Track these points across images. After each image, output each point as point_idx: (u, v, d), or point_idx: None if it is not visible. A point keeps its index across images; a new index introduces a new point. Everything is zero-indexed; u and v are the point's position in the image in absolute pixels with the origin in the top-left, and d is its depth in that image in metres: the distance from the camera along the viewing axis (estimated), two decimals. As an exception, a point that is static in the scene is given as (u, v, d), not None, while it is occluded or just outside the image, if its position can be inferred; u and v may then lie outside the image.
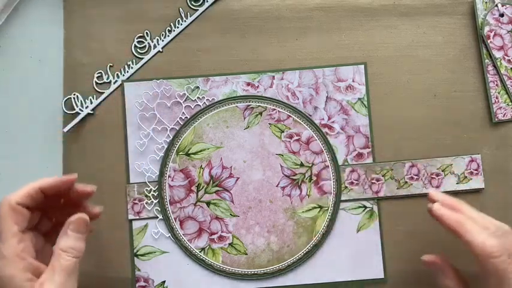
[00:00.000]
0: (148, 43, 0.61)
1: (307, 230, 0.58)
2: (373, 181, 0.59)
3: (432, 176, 0.59)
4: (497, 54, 0.59)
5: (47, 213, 0.48)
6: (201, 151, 0.59)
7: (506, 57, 0.59)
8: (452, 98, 0.60)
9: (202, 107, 0.60)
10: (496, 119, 0.59)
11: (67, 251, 0.43)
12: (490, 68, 0.60)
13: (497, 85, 0.59)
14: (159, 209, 0.59)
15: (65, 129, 0.59)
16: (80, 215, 0.45)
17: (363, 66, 0.60)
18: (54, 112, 0.60)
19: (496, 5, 0.59)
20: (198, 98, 0.60)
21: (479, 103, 0.60)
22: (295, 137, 0.59)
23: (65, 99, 0.59)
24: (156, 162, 0.59)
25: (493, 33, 0.60)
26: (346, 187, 0.59)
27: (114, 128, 0.60)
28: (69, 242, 0.44)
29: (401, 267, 0.58)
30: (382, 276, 0.58)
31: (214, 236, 0.58)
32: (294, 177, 0.59)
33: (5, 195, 0.60)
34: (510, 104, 0.59)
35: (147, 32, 0.61)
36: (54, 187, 0.46)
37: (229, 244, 0.58)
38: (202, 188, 0.59)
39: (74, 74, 0.60)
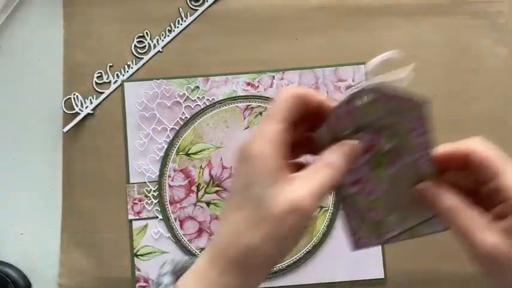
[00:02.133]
0: (148, 43, 0.61)
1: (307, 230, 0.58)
2: (373, 181, 0.59)
3: (432, 176, 0.59)
4: None
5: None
6: (201, 151, 0.59)
7: None
8: (452, 98, 0.60)
9: (202, 107, 0.60)
10: None
11: (333, 168, 0.36)
12: None
13: None
14: (159, 209, 0.59)
15: (65, 129, 0.59)
16: (357, 145, 0.37)
17: (363, 66, 0.60)
18: (54, 112, 0.60)
19: None
20: (198, 98, 0.60)
21: (480, 103, 0.60)
22: (295, 137, 0.59)
23: (65, 99, 0.59)
24: (156, 162, 0.59)
25: None
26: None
27: (114, 128, 0.60)
28: (338, 160, 0.36)
29: (401, 267, 0.58)
30: (382, 276, 0.58)
31: (214, 236, 0.58)
32: (294, 177, 0.59)
33: (4, 194, 0.60)
34: None
35: (147, 32, 0.61)
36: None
37: (229, 244, 0.58)
38: (202, 188, 0.59)
39: (74, 74, 0.60)
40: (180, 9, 0.61)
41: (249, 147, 0.34)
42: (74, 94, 0.59)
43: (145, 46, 0.61)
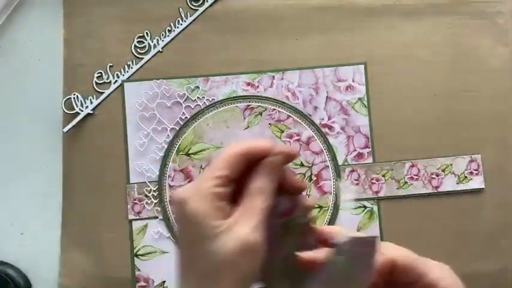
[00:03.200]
0: (148, 43, 0.61)
1: (307, 230, 0.58)
2: (373, 181, 0.59)
3: (432, 176, 0.59)
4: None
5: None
6: (201, 151, 0.59)
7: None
8: (452, 98, 0.60)
9: (202, 107, 0.60)
10: None
11: (263, 193, 0.38)
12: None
13: None
14: (159, 209, 0.59)
15: (65, 129, 0.59)
16: (273, 159, 0.39)
17: (363, 66, 0.60)
18: (54, 112, 0.60)
19: None
20: (198, 98, 0.60)
21: (479, 103, 0.60)
22: (295, 137, 0.59)
23: (65, 99, 0.59)
24: (156, 162, 0.59)
25: None
26: (346, 187, 0.59)
27: (114, 128, 0.60)
28: (265, 183, 0.39)
29: (401, 267, 0.58)
30: (382, 276, 0.58)
31: (214, 236, 0.58)
32: (294, 177, 0.59)
33: (5, 194, 0.60)
34: None
35: (147, 32, 0.61)
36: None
37: (229, 244, 0.58)
38: (202, 188, 0.59)
39: (74, 74, 0.60)
40: (180, 9, 0.61)
41: (185, 205, 0.35)
42: (74, 94, 0.59)
43: (145, 46, 0.61)
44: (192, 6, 0.61)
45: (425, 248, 0.58)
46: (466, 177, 0.59)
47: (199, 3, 0.61)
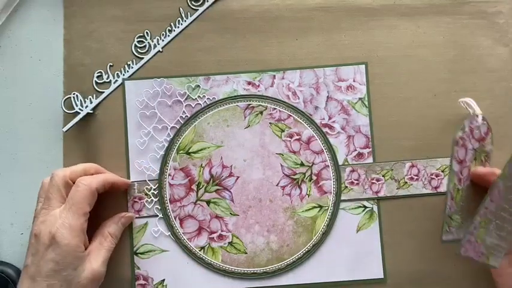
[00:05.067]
0: (149, 43, 0.61)
1: (307, 229, 0.58)
2: (373, 181, 0.59)
3: (432, 176, 0.59)
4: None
5: None
6: (201, 150, 0.59)
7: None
8: (452, 98, 0.60)
9: (202, 105, 0.60)
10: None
11: (113, 237, 0.55)
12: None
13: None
14: (159, 208, 0.58)
15: (65, 129, 0.59)
16: (132, 214, 0.58)
17: (363, 66, 0.60)
18: (54, 112, 0.60)
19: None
20: (198, 96, 0.60)
21: (479, 103, 0.60)
22: (296, 137, 0.59)
23: (65, 98, 0.59)
24: (157, 160, 0.59)
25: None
26: (346, 187, 0.59)
27: (114, 127, 0.60)
28: (116, 230, 0.56)
29: (401, 267, 0.58)
30: (382, 276, 0.58)
31: (214, 235, 0.58)
32: (294, 177, 0.59)
33: (4, 194, 0.60)
34: None
35: (147, 32, 0.61)
36: (115, 185, 0.56)
37: (229, 243, 0.58)
38: (203, 186, 0.59)
39: (74, 73, 0.60)
40: (180, 9, 0.61)
41: (57, 236, 0.49)
42: (74, 94, 0.59)
43: (145, 46, 0.61)
44: (192, 6, 0.61)
45: (425, 248, 0.58)
46: (466, 177, 0.59)
47: (199, 3, 0.61)
